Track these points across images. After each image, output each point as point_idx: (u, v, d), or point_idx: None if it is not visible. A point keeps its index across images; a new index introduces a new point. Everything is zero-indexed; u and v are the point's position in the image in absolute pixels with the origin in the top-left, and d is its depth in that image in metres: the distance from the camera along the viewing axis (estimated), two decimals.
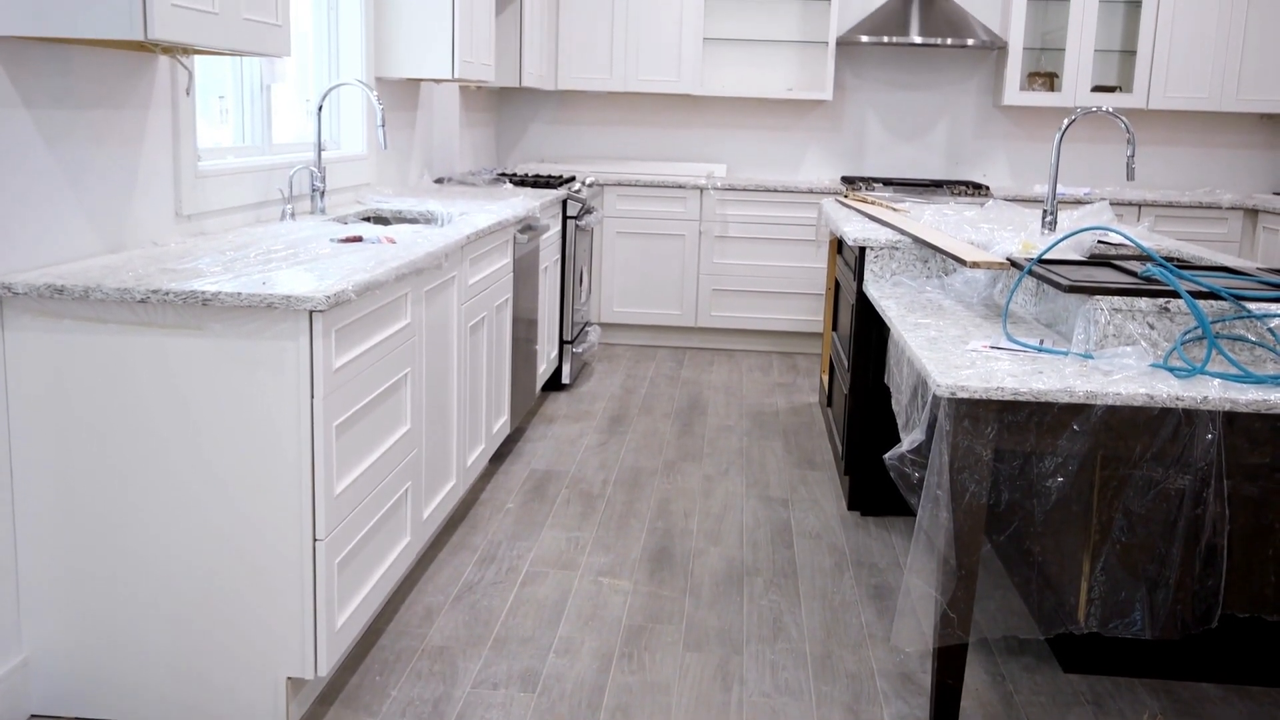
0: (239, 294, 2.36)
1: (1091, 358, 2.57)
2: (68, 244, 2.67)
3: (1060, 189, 6.65)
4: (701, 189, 6.58)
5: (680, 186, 6.58)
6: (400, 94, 5.03)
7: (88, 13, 2.30)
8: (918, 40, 6.44)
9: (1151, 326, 2.62)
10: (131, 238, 2.93)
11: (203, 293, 2.36)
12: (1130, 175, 3.85)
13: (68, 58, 2.64)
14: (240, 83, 3.73)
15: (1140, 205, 6.45)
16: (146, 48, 2.65)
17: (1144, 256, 3.27)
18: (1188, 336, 2.57)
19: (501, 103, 7.29)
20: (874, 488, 4.06)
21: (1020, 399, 2.34)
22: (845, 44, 6.64)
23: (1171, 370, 2.47)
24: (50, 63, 2.58)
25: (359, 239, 3.24)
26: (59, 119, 2.62)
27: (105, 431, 2.47)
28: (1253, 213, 6.44)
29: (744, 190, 6.58)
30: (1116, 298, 2.61)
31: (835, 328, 4.87)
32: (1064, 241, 3.31)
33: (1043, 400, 2.34)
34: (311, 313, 2.39)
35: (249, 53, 2.76)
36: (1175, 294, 2.60)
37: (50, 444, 2.48)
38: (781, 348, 6.82)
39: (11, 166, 2.47)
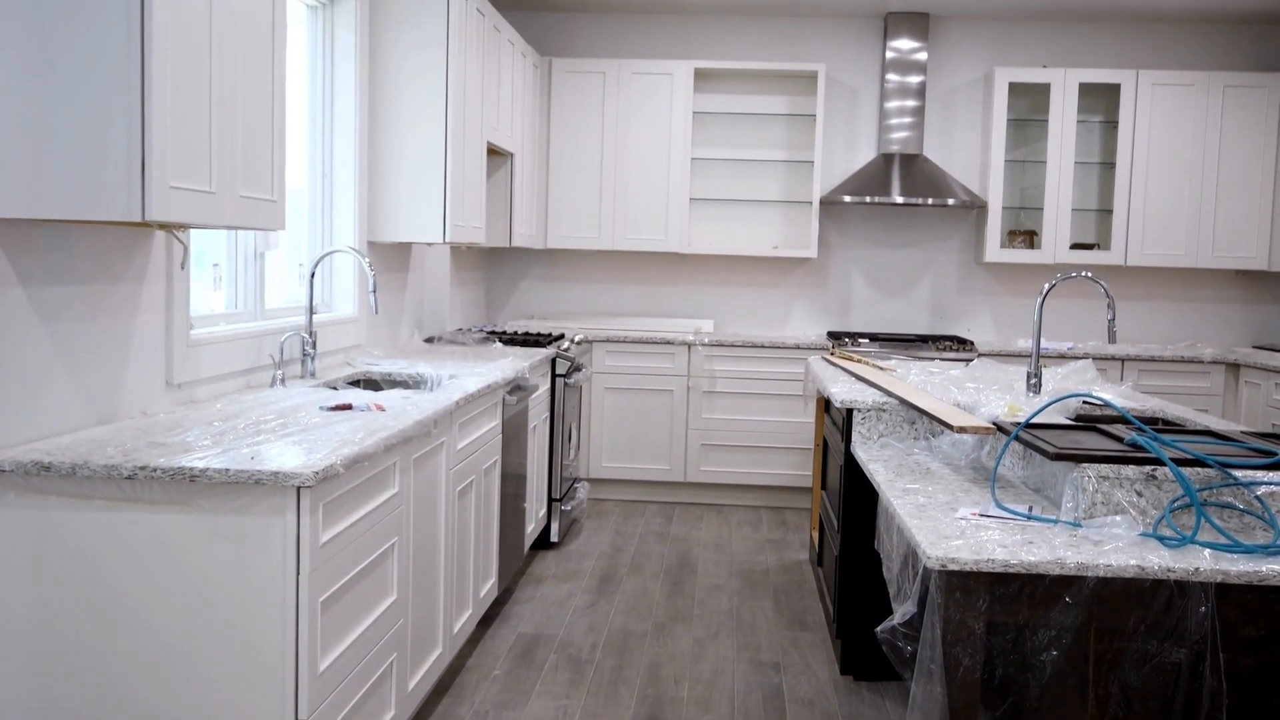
0: (226, 470, 2.35)
1: (1081, 526, 2.56)
2: (58, 417, 2.67)
3: (1044, 344, 6.73)
4: (689, 345, 6.65)
5: (668, 342, 6.65)
6: (392, 255, 5.12)
7: (88, 195, 2.35)
8: (899, 200, 6.61)
9: (1139, 494, 2.62)
10: (122, 408, 2.94)
11: (190, 469, 2.36)
12: (1112, 339, 3.91)
13: (67, 236, 2.69)
14: (234, 251, 3.80)
15: (1123, 360, 6.52)
16: (145, 224, 2.70)
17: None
18: (1176, 504, 2.57)
19: (492, 261, 7.41)
20: (867, 652, 3.99)
21: (1011, 570, 2.33)
22: (829, 203, 6.80)
23: (1161, 539, 2.47)
24: (49, 241, 2.63)
25: (348, 406, 3.26)
26: (55, 295, 2.65)
27: (87, 608, 2.43)
28: (1234, 366, 6.52)
29: (731, 346, 6.65)
30: (1103, 465, 2.62)
31: (824, 485, 4.86)
32: (1049, 406, 3.34)
33: (1034, 572, 2.33)
34: (299, 488, 2.38)
35: (245, 228, 2.81)
36: (1161, 461, 2.61)
37: (31, 622, 2.44)
38: (771, 502, 6.80)
39: (4, 345, 2.49)
